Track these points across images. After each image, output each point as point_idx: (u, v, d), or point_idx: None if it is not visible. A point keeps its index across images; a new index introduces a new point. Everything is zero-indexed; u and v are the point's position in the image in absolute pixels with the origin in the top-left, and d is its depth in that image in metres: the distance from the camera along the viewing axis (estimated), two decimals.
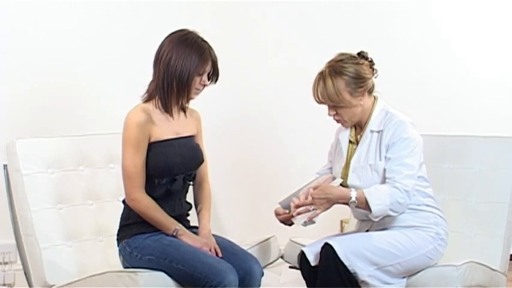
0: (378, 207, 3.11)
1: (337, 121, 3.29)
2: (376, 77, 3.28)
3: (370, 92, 3.27)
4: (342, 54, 3.26)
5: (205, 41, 3.21)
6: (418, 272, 3.21)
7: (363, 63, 3.23)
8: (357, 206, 3.14)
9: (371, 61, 3.27)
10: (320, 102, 3.24)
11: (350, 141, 3.34)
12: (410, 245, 3.17)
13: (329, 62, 3.25)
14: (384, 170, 3.19)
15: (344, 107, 3.21)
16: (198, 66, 3.16)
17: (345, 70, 3.19)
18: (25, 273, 3.42)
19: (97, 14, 4.29)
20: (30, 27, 4.13)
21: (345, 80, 3.18)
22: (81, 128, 4.02)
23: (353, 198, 3.12)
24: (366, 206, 3.12)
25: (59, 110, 4.19)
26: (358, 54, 3.27)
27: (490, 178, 3.55)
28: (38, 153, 3.42)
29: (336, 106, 3.22)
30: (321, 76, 3.21)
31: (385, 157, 3.19)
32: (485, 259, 3.36)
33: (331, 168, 3.43)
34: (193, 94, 3.21)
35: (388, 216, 3.17)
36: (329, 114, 3.27)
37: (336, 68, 3.20)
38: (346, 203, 3.14)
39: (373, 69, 3.27)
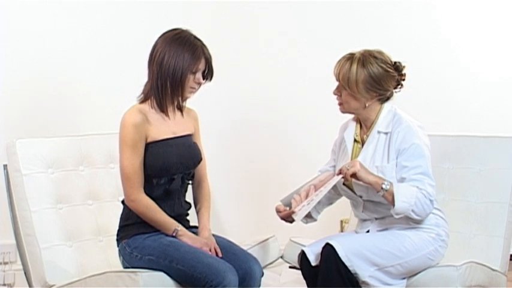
0: (402, 204, 3.10)
1: (339, 104, 3.28)
2: (397, 92, 3.28)
3: (382, 101, 3.26)
4: (381, 53, 3.25)
5: (199, 39, 3.20)
6: (418, 272, 3.21)
7: (392, 73, 3.23)
8: (383, 196, 3.13)
9: (402, 75, 3.26)
10: (336, 78, 3.24)
11: (355, 140, 3.34)
12: (411, 246, 3.17)
13: (366, 50, 3.25)
14: (389, 172, 3.18)
15: (351, 95, 3.21)
16: (190, 64, 3.15)
17: (371, 67, 3.19)
18: (25, 273, 3.42)
19: (97, 14, 4.28)
20: (30, 27, 4.13)
21: (366, 76, 3.18)
22: (81, 128, 4.02)
23: (385, 186, 3.11)
24: (391, 200, 3.12)
25: (59, 110, 4.19)
26: (395, 63, 3.26)
27: (490, 178, 3.55)
28: (38, 153, 3.42)
29: (345, 90, 3.21)
30: (351, 58, 3.22)
31: (396, 163, 3.18)
32: (485, 259, 3.36)
33: (334, 166, 3.41)
34: (188, 93, 3.21)
35: (408, 217, 3.15)
36: (334, 93, 3.27)
37: (367, 59, 3.20)
38: (375, 188, 3.13)
39: (398, 84, 3.27)
